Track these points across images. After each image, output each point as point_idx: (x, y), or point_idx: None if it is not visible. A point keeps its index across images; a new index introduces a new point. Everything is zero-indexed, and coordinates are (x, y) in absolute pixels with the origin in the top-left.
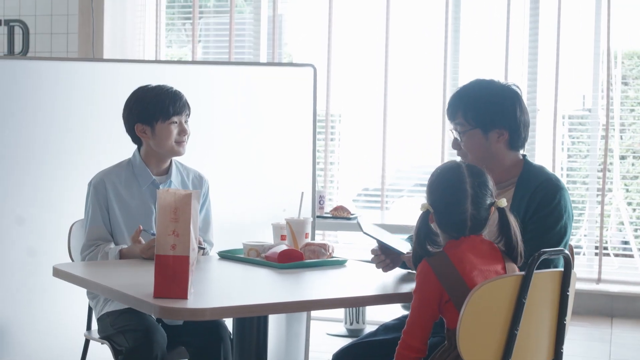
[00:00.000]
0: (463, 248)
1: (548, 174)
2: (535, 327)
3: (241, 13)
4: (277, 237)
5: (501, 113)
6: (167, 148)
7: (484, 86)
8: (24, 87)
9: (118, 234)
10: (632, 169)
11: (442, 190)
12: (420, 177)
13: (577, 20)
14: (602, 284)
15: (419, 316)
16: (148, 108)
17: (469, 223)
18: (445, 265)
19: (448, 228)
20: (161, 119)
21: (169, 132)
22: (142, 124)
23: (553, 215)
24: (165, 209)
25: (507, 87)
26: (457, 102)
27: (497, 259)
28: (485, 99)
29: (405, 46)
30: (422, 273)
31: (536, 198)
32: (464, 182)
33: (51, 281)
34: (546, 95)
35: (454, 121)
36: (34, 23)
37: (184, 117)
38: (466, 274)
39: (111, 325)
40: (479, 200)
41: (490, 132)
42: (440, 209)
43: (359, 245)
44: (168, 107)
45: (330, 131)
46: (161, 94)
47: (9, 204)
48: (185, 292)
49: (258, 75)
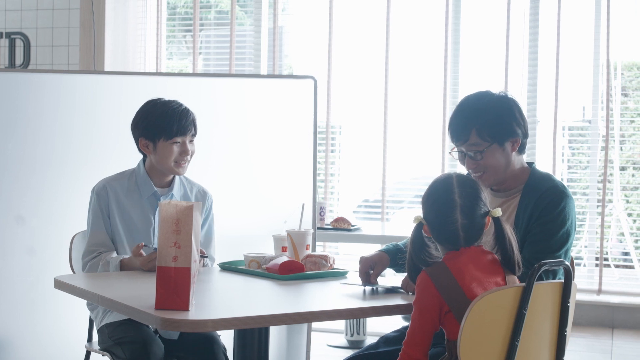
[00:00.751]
0: (463, 259)
1: (555, 181)
2: (536, 338)
3: (242, 25)
4: (278, 249)
5: (513, 123)
6: (165, 167)
7: (487, 99)
8: (25, 99)
9: (118, 241)
10: (632, 180)
11: (431, 202)
12: (420, 188)
13: (577, 32)
14: (603, 295)
15: (419, 327)
16: (152, 125)
17: (461, 233)
18: (445, 276)
19: (442, 240)
20: (163, 137)
21: (169, 151)
22: (145, 139)
23: (557, 221)
24: (167, 220)
25: (504, 96)
26: (466, 122)
27: (497, 270)
28: (494, 112)
29: (405, 58)
30: (421, 284)
31: (541, 204)
32: (452, 192)
33: (52, 293)
34: (546, 106)
35: (467, 143)
36: (35, 36)
37: (188, 137)
38: (465, 284)
39: (109, 336)
40: (469, 210)
41: (505, 143)
42: (432, 221)
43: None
44: (172, 126)
45: (330, 143)
46: (167, 112)
47: (10, 215)
48: (186, 303)
49: (259, 87)
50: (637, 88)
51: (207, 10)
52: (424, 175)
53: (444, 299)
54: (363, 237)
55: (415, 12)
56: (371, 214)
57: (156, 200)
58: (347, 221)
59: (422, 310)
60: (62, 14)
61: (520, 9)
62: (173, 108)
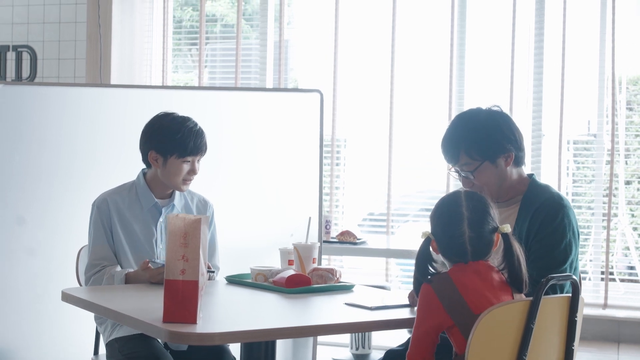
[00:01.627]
0: (468, 272)
1: (551, 192)
2: (543, 353)
3: (247, 39)
4: (285, 262)
5: (502, 139)
6: (172, 183)
7: (474, 119)
8: (31, 112)
9: (122, 254)
10: (638, 194)
11: (439, 215)
12: (426, 202)
13: (582, 46)
14: (609, 309)
15: (421, 338)
16: (167, 140)
17: (468, 247)
18: (449, 289)
19: (450, 254)
20: (176, 154)
21: (180, 169)
22: (156, 152)
23: (556, 234)
24: (175, 233)
25: (493, 110)
26: (454, 144)
27: (503, 287)
28: (482, 130)
29: (411, 72)
30: (424, 296)
31: (538, 217)
32: (460, 205)
33: (58, 306)
34: (551, 120)
35: (458, 164)
36: (42, 49)
37: (198, 157)
38: (469, 297)
39: (119, 351)
40: (476, 224)
41: (497, 160)
42: (439, 235)
43: (365, 270)
44: (187, 145)
45: (335, 156)
46: (184, 130)
47: (17, 228)
48: (194, 316)
49: (264, 100)
50: None
51: (212, 23)
52: (430, 188)
53: (447, 311)
54: (368, 250)
55: (420, 26)
56: (376, 227)
57: (157, 212)
58: (352, 234)
59: (424, 321)
60: (68, 27)
61: (526, 23)
62: (190, 127)
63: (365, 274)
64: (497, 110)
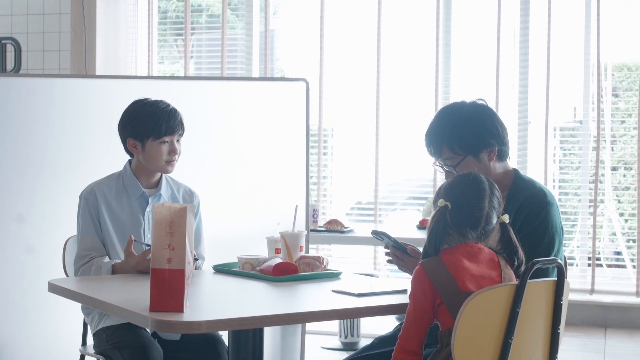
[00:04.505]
0: (458, 254)
1: (535, 188)
2: (529, 337)
3: (233, 29)
4: (272, 251)
5: (485, 134)
6: (155, 166)
7: (456, 112)
8: (16, 104)
9: (109, 245)
10: (624, 180)
11: (463, 187)
12: (413, 190)
13: (567, 33)
14: (595, 295)
15: (415, 320)
16: (140, 125)
17: (482, 222)
18: (440, 270)
19: (464, 223)
20: (152, 137)
21: (159, 151)
22: (133, 139)
23: (538, 232)
24: (160, 222)
25: (477, 104)
26: (437, 138)
27: (493, 266)
28: (465, 125)
29: (397, 60)
30: (416, 277)
31: (521, 214)
32: (484, 183)
33: (46, 296)
34: (537, 107)
35: (441, 157)
36: (26, 40)
37: (176, 137)
38: (459, 278)
39: (107, 340)
40: (493, 206)
41: (480, 154)
42: (460, 204)
43: (353, 259)
44: (160, 126)
45: (322, 145)
46: (156, 112)
47: (3, 220)
48: (181, 305)
49: (251, 90)
50: (628, 88)
51: (198, 14)
52: (417, 177)
53: (437, 291)
54: (356, 239)
55: (406, 14)
56: (364, 216)
57: (144, 201)
58: (340, 223)
59: (417, 304)
60: (53, 18)
61: (511, 10)
62: (161, 108)
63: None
64: (481, 104)
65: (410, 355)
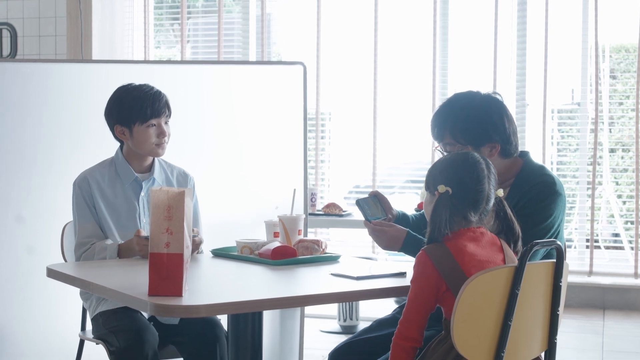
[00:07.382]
0: (462, 239)
1: (545, 175)
2: (528, 318)
3: (230, 13)
4: (270, 235)
5: (490, 128)
6: (145, 150)
7: (467, 101)
8: (13, 89)
9: (107, 230)
10: (622, 162)
11: (461, 170)
12: (411, 173)
13: (565, 15)
14: (594, 277)
15: (416, 306)
16: (126, 110)
17: (483, 204)
18: (444, 255)
19: (464, 204)
20: (139, 121)
21: (147, 135)
22: (120, 125)
23: (540, 214)
24: (158, 207)
25: (490, 97)
26: (442, 122)
27: (497, 250)
28: (472, 115)
29: (395, 43)
30: (420, 263)
31: (526, 196)
32: (481, 163)
33: (45, 282)
34: (535, 89)
35: (442, 141)
36: (22, 26)
37: (163, 119)
38: (465, 264)
39: (103, 325)
40: (492, 185)
41: (482, 148)
42: (461, 188)
43: (351, 242)
44: (146, 109)
45: (320, 129)
46: (139, 95)
47: (0, 206)
48: (179, 289)
49: (248, 74)
50: (626, 70)
51: None
52: (415, 160)
53: (442, 277)
54: (354, 222)
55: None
56: None
57: (138, 186)
58: (338, 207)
59: (419, 289)
60: (48, 3)
61: None
62: (145, 91)
63: (351, 246)
64: (495, 97)
65: (411, 341)
